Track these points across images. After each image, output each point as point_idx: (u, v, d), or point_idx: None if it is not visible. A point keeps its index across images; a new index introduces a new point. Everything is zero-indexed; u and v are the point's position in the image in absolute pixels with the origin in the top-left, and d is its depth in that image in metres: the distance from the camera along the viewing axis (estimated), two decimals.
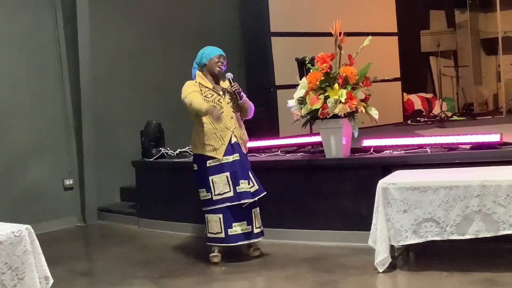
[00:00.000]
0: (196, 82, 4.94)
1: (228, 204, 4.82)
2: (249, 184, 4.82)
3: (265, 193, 4.91)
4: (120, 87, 7.54)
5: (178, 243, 5.74)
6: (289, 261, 4.84)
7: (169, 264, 5.04)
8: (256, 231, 4.92)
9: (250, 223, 4.89)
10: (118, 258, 5.41)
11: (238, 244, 4.89)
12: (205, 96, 4.87)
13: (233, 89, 4.84)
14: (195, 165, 4.99)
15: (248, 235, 4.90)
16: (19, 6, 6.72)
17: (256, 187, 4.86)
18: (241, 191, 4.79)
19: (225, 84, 4.98)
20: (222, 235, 4.86)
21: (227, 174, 4.81)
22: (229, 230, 4.85)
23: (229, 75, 4.90)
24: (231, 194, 4.81)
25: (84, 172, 7.10)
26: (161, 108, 7.58)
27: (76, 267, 5.17)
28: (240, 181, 4.79)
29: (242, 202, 4.79)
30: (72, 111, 7.14)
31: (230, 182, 4.80)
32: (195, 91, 4.84)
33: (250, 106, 5.00)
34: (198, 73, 4.98)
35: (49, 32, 7.00)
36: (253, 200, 4.83)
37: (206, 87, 4.90)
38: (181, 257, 5.27)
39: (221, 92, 4.90)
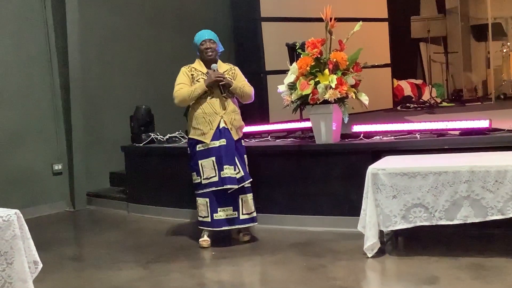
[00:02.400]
0: (189, 67, 4.99)
1: (214, 188, 4.83)
2: (234, 169, 4.79)
3: (251, 179, 4.89)
4: (110, 71, 7.50)
5: (167, 228, 5.74)
6: (278, 246, 4.85)
7: (158, 249, 5.05)
8: (242, 217, 4.92)
9: (236, 208, 4.89)
10: (107, 243, 5.40)
11: (222, 229, 4.91)
12: (197, 80, 4.91)
13: (216, 80, 4.82)
14: (188, 149, 5.01)
15: (232, 221, 4.90)
16: None
17: (242, 173, 4.82)
18: (224, 176, 4.77)
19: (221, 69, 4.96)
20: (209, 219, 4.90)
21: (213, 158, 4.82)
22: (214, 215, 4.87)
23: (214, 66, 4.89)
24: (216, 178, 4.81)
25: (73, 157, 7.07)
26: (151, 93, 7.56)
27: (65, 252, 5.16)
28: (224, 166, 4.77)
29: (225, 187, 4.78)
30: (61, 96, 7.08)
31: (216, 167, 4.81)
32: (181, 84, 4.91)
33: (245, 91, 4.95)
34: (198, 58, 5.04)
35: (37, 15, 6.92)
36: (238, 186, 4.80)
37: (200, 71, 4.94)
38: (170, 242, 5.27)
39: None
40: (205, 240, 4.94)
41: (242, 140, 5.06)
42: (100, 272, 4.46)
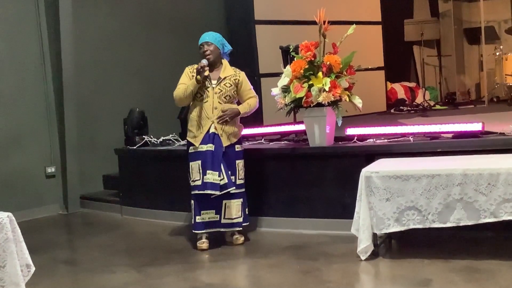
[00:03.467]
0: (192, 67, 4.99)
1: (197, 191, 4.84)
2: (219, 176, 4.78)
3: (233, 187, 4.87)
4: (103, 74, 7.49)
5: (161, 231, 5.73)
6: (272, 249, 4.85)
7: (152, 252, 5.03)
8: (224, 221, 4.93)
9: (218, 212, 4.91)
10: (100, 246, 5.39)
11: (203, 231, 4.93)
12: None
13: (200, 66, 4.78)
14: (186, 150, 5.04)
15: (213, 224, 4.92)
16: None
17: (226, 180, 4.81)
18: (206, 181, 4.78)
19: (224, 73, 4.95)
20: (193, 221, 4.94)
21: (199, 162, 4.84)
22: (197, 217, 4.91)
23: (203, 61, 4.83)
24: (199, 182, 4.82)
25: (67, 160, 7.05)
26: (145, 96, 7.56)
27: (58, 255, 5.15)
28: (207, 171, 4.78)
29: (206, 192, 4.78)
30: (54, 99, 7.07)
31: (200, 171, 4.82)
32: (181, 84, 4.92)
33: (251, 108, 5.01)
34: None
35: (30, 18, 6.90)
36: (220, 193, 4.79)
37: None
38: (164, 245, 5.26)
39: (213, 82, 4.89)
40: (203, 241, 4.94)
41: (238, 146, 5.03)
42: (93, 276, 4.44)
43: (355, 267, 4.19)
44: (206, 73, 4.83)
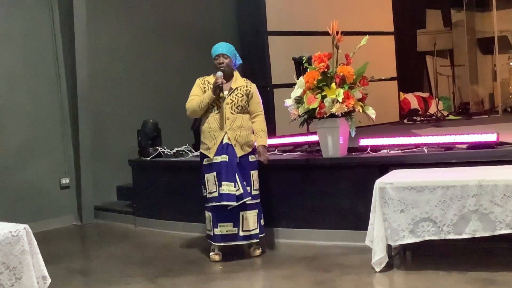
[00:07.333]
0: (203, 79, 5.01)
1: (214, 203, 4.83)
2: (234, 186, 4.77)
3: (249, 197, 4.85)
4: (117, 86, 7.54)
5: (175, 242, 5.73)
6: (286, 260, 4.84)
7: (166, 263, 5.04)
8: (242, 234, 4.90)
9: (236, 225, 4.88)
10: (115, 257, 5.41)
11: (221, 244, 4.91)
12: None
13: (219, 81, 4.80)
14: (200, 162, 5.03)
15: (232, 237, 4.90)
16: (16, 5, 6.71)
17: (241, 191, 4.79)
18: (222, 192, 4.77)
19: (235, 84, 4.96)
20: (211, 233, 4.93)
21: (215, 173, 4.83)
22: (215, 229, 4.89)
23: (218, 74, 4.84)
24: (216, 194, 4.82)
25: (81, 171, 7.09)
26: (158, 107, 7.59)
27: (73, 266, 5.17)
28: (223, 183, 4.77)
29: (222, 203, 4.77)
30: (69, 110, 7.12)
31: (216, 182, 4.81)
32: (193, 95, 4.94)
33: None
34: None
35: (46, 31, 6.98)
36: (236, 204, 4.78)
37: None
38: (178, 256, 5.27)
39: (225, 92, 4.89)
40: (216, 253, 4.94)
41: (252, 156, 5.00)
42: (108, 286, 4.46)
43: (369, 278, 4.17)
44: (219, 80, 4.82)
